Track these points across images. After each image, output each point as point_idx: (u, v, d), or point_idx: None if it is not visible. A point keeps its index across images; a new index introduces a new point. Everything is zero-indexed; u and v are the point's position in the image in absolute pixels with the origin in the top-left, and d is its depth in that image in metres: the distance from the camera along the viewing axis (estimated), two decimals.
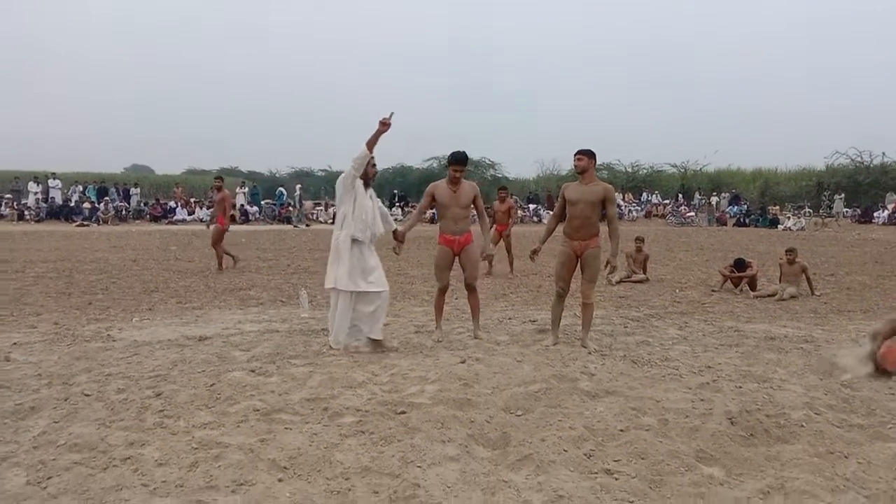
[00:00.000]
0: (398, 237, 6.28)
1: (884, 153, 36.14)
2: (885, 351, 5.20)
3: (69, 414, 4.12)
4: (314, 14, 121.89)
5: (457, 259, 6.40)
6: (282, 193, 34.66)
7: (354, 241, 5.79)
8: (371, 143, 5.71)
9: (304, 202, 34.17)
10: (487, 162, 46.95)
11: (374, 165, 5.94)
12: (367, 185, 5.89)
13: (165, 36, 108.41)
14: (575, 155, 6.11)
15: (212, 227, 12.41)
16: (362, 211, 5.81)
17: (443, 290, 6.48)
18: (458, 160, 6.20)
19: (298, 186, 35.74)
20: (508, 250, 12.28)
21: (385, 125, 5.69)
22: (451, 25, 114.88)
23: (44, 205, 28.50)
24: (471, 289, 6.48)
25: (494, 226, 12.01)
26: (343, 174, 5.87)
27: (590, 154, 6.07)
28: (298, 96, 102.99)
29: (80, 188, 31.43)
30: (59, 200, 29.35)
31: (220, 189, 12.41)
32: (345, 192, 5.84)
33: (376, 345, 5.85)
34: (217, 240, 12.13)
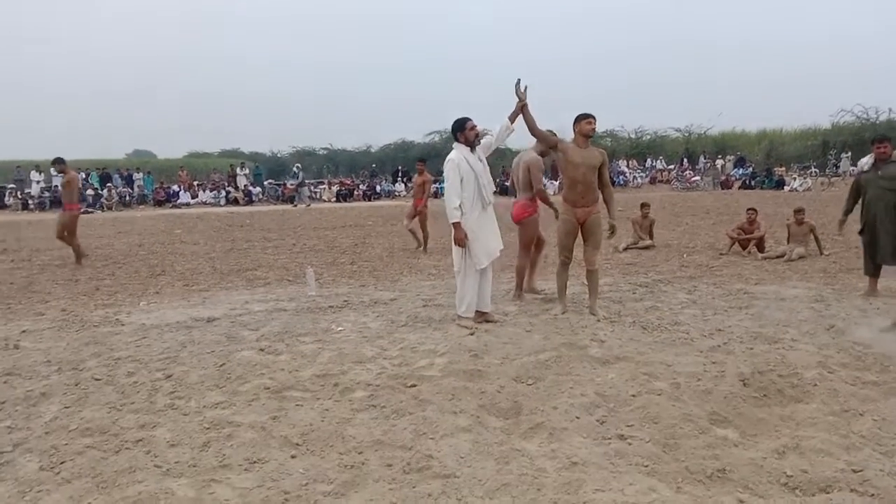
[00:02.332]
0: None
1: (890, 109, 35.41)
2: None
3: (80, 399, 4.13)
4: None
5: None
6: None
7: None
8: (513, 118, 5.96)
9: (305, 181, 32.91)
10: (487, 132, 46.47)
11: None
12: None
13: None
14: (586, 118, 5.98)
15: (64, 213, 11.07)
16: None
17: None
18: None
19: (297, 165, 34.72)
20: (423, 226, 11.64)
21: (521, 102, 5.87)
22: None
23: (47, 193, 28.46)
24: None
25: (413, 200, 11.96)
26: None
27: None
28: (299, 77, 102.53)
29: (83, 175, 31.28)
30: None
31: (64, 172, 11.28)
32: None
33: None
34: (71, 228, 10.92)
